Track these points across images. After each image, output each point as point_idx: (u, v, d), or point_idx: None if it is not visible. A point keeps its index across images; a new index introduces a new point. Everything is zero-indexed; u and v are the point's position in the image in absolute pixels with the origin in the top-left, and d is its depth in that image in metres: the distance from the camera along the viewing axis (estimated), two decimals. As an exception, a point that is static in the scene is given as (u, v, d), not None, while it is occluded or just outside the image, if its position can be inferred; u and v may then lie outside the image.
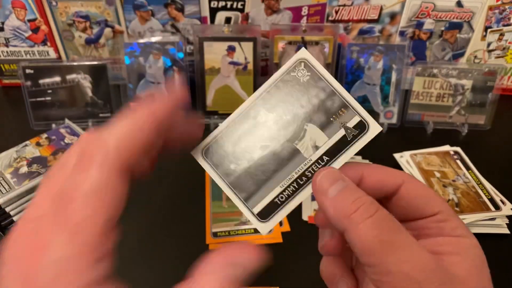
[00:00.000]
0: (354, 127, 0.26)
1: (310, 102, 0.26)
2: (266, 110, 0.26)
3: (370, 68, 0.74)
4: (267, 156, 0.26)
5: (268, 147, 0.26)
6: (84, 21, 0.77)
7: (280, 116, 0.26)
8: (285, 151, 0.26)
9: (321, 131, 0.26)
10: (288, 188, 0.26)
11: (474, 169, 0.64)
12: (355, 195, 0.23)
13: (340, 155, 0.26)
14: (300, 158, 0.26)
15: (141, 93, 0.74)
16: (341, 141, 0.26)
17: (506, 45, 0.81)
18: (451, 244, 0.23)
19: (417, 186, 0.25)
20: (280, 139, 0.26)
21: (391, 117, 0.77)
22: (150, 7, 0.76)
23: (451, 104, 0.76)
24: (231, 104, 0.76)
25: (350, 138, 0.26)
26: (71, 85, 0.73)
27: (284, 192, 0.26)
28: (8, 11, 0.76)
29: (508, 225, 0.56)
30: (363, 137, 0.26)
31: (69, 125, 0.70)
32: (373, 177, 0.25)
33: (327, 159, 0.26)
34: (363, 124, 0.26)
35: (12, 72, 0.85)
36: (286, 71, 0.26)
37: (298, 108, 0.26)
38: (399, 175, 0.25)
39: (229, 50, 0.72)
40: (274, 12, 0.77)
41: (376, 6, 0.77)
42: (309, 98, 0.26)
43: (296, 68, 0.27)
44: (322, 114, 0.26)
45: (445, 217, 0.24)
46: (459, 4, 0.76)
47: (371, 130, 0.26)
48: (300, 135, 0.26)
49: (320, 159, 0.26)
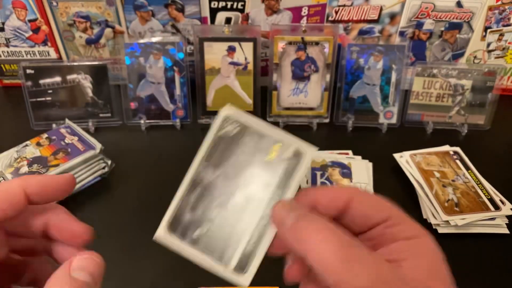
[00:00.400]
0: (293, 157, 0.28)
1: (247, 150, 0.28)
2: (211, 171, 0.28)
3: (370, 68, 0.74)
4: (225, 212, 0.27)
5: (223, 203, 0.27)
6: (85, 22, 0.77)
7: (225, 172, 0.28)
8: (239, 201, 0.27)
9: (266, 171, 0.28)
10: (254, 233, 0.27)
11: (473, 169, 0.64)
12: (311, 220, 0.24)
13: (289, 185, 0.27)
14: (255, 201, 0.27)
15: (141, 93, 0.74)
16: (286, 173, 0.28)
17: (505, 45, 0.81)
18: (406, 248, 0.24)
19: (366, 197, 0.26)
20: (232, 192, 0.28)
21: (390, 117, 0.77)
22: (150, 8, 0.76)
23: (450, 104, 0.76)
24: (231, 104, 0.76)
25: (292, 168, 0.28)
26: (71, 85, 0.74)
27: (252, 238, 0.27)
28: (9, 11, 0.76)
29: (508, 225, 0.56)
30: (303, 162, 0.28)
31: (69, 125, 0.70)
32: (325, 197, 0.26)
33: (279, 193, 0.27)
34: (298, 151, 0.28)
35: (12, 72, 0.85)
36: (216, 130, 0.28)
37: (239, 157, 0.28)
38: (348, 191, 0.27)
39: (229, 50, 0.72)
40: (274, 12, 0.77)
41: (376, 6, 0.77)
42: (245, 146, 0.28)
43: (225, 125, 0.28)
44: (261, 156, 0.28)
45: (395, 221, 0.25)
46: (459, 5, 0.76)
47: (308, 154, 0.28)
48: (248, 181, 0.28)
49: (273, 196, 0.27)
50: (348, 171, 0.65)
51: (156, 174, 0.66)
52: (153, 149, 0.72)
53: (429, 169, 0.64)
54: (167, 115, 0.76)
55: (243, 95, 0.76)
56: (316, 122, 0.77)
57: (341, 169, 0.66)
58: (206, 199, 0.28)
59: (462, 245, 0.55)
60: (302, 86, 0.75)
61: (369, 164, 0.67)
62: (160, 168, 0.67)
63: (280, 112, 0.77)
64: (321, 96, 0.76)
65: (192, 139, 0.75)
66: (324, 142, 0.74)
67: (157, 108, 0.76)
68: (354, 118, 0.77)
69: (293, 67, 0.74)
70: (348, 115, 0.77)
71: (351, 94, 0.76)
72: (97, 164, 0.63)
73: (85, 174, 0.62)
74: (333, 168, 0.66)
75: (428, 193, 0.59)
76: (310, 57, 0.73)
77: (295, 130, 0.76)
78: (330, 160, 0.67)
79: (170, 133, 0.76)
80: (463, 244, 0.55)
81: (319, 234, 0.23)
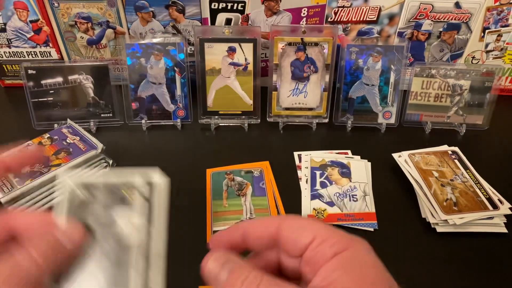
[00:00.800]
0: (146, 194, 0.27)
1: (101, 221, 0.27)
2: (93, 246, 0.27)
3: (369, 69, 0.74)
4: (105, 276, 0.26)
5: (100, 270, 0.26)
6: (86, 22, 0.78)
7: (100, 234, 0.27)
8: (115, 257, 0.26)
9: (132, 213, 0.27)
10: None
11: (472, 168, 0.65)
12: (243, 273, 0.24)
13: (155, 218, 0.27)
14: (129, 250, 0.26)
15: (142, 94, 0.75)
16: (149, 209, 0.27)
17: (504, 46, 0.82)
18: (337, 266, 0.24)
19: (292, 222, 0.27)
20: (105, 251, 0.26)
21: (389, 117, 0.77)
22: (151, 9, 0.76)
23: (449, 104, 0.77)
24: (231, 104, 0.77)
25: (152, 200, 0.27)
26: (73, 86, 0.74)
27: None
28: (11, 12, 0.77)
29: (506, 224, 0.57)
30: (158, 192, 0.27)
31: (71, 125, 0.70)
32: (255, 230, 0.27)
33: (149, 229, 0.26)
34: (150, 183, 0.27)
35: (14, 73, 0.86)
36: (68, 204, 0.27)
37: (102, 216, 0.27)
38: (276, 220, 0.27)
39: (229, 51, 0.73)
40: (274, 13, 0.78)
41: (375, 7, 0.77)
42: (101, 203, 0.27)
43: (72, 195, 0.27)
44: (120, 204, 0.27)
45: (322, 238, 0.25)
46: (457, 5, 0.76)
47: (159, 183, 0.27)
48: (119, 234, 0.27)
49: (146, 234, 0.26)
50: (347, 171, 0.66)
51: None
52: (154, 149, 0.73)
53: (428, 169, 0.64)
54: (168, 115, 0.77)
55: (243, 96, 0.76)
56: (315, 122, 0.77)
57: (340, 168, 0.66)
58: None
59: (461, 244, 0.55)
60: (301, 87, 0.76)
61: (368, 164, 0.68)
62: (160, 168, 0.67)
63: (280, 112, 0.77)
64: (320, 97, 0.76)
65: (193, 139, 0.75)
66: (323, 142, 0.74)
67: (158, 108, 0.76)
68: (353, 118, 0.77)
69: (293, 68, 0.74)
70: (347, 115, 0.77)
71: (350, 95, 0.76)
72: (98, 164, 0.64)
73: (87, 174, 0.62)
74: (333, 168, 0.66)
75: (427, 192, 0.60)
76: (309, 57, 0.74)
77: (295, 130, 0.77)
78: (329, 159, 0.68)
79: (171, 133, 0.76)
80: (461, 243, 0.55)
81: (252, 285, 0.23)
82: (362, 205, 0.61)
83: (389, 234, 0.57)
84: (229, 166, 0.67)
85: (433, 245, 0.55)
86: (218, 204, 0.60)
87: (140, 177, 0.27)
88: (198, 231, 0.57)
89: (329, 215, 0.59)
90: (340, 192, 0.63)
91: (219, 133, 0.77)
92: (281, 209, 0.60)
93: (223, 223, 0.57)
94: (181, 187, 0.64)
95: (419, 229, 0.57)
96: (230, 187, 0.63)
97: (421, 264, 0.53)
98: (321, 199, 0.61)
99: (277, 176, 0.65)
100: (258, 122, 0.78)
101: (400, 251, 0.54)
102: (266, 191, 0.63)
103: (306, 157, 0.69)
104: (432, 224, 0.57)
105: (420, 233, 0.57)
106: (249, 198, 0.61)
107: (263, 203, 0.61)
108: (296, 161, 0.69)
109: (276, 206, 0.61)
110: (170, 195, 0.27)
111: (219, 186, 0.63)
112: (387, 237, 0.56)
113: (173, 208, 0.66)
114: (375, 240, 0.57)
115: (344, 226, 0.58)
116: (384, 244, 0.55)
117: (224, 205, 0.60)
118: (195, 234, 0.56)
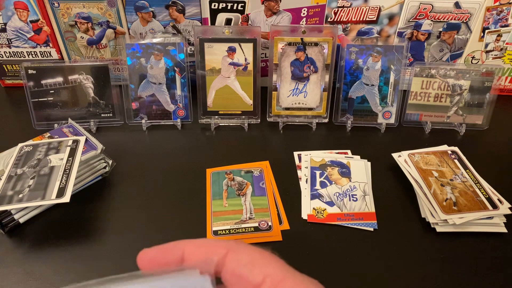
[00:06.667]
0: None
1: None
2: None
3: (369, 69, 0.74)
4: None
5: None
6: (86, 22, 0.78)
7: None
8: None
9: None
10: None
11: (471, 168, 0.65)
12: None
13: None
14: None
15: (142, 93, 0.75)
16: None
17: (503, 46, 0.82)
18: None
19: (242, 253, 0.23)
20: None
21: (389, 117, 0.77)
22: (151, 9, 0.77)
23: (449, 104, 0.77)
24: (231, 104, 0.77)
25: None
26: (73, 86, 0.74)
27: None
28: (11, 12, 0.77)
29: (506, 224, 0.57)
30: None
31: (72, 124, 0.70)
32: (195, 254, 0.23)
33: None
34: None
35: (14, 73, 0.86)
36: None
37: None
38: (223, 245, 0.23)
39: (229, 51, 0.73)
40: (274, 13, 0.78)
41: (375, 7, 0.77)
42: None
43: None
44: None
45: (272, 283, 0.21)
46: (457, 5, 0.76)
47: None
48: None
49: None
50: (347, 170, 0.66)
51: (157, 173, 0.66)
52: (154, 148, 0.73)
53: (428, 169, 0.64)
54: (168, 115, 0.77)
55: (243, 96, 0.76)
56: (315, 122, 0.77)
57: (340, 168, 0.67)
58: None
59: (460, 243, 0.55)
60: (301, 87, 0.76)
61: (368, 164, 0.68)
62: (161, 168, 0.68)
63: (280, 112, 0.77)
64: (320, 96, 0.76)
65: (193, 139, 0.75)
66: (323, 141, 0.75)
67: (158, 108, 0.76)
68: (353, 118, 0.77)
69: (293, 68, 0.74)
70: (347, 115, 0.77)
71: (350, 94, 0.76)
72: (98, 164, 0.64)
73: (87, 174, 0.63)
74: (332, 168, 0.67)
75: (427, 192, 0.60)
76: (309, 57, 0.74)
77: (294, 129, 0.77)
78: (329, 159, 0.68)
79: (171, 133, 0.76)
80: (461, 242, 0.56)
81: None
82: (361, 205, 0.61)
83: (388, 234, 0.57)
84: (229, 166, 0.67)
85: (432, 245, 0.55)
86: (218, 204, 0.61)
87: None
88: (198, 231, 0.57)
89: (328, 214, 0.59)
90: (340, 192, 0.63)
91: (219, 133, 0.77)
92: (281, 209, 0.60)
93: (223, 222, 0.57)
94: (181, 187, 0.64)
95: (419, 229, 0.57)
96: (230, 187, 0.63)
97: (421, 264, 0.53)
98: (321, 198, 0.62)
99: (277, 176, 0.66)
100: (258, 122, 0.78)
101: (399, 250, 0.55)
102: (266, 191, 0.63)
103: (306, 157, 0.69)
104: (431, 224, 0.57)
105: (419, 233, 0.57)
106: (249, 198, 0.62)
107: (263, 202, 0.61)
108: (296, 161, 0.69)
109: (276, 205, 0.61)
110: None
111: (219, 186, 0.64)
112: (386, 237, 0.56)
113: (173, 208, 0.66)
114: (374, 240, 0.58)
115: (344, 226, 0.58)
116: (383, 244, 0.55)
117: (224, 205, 0.60)
118: (195, 234, 0.56)
